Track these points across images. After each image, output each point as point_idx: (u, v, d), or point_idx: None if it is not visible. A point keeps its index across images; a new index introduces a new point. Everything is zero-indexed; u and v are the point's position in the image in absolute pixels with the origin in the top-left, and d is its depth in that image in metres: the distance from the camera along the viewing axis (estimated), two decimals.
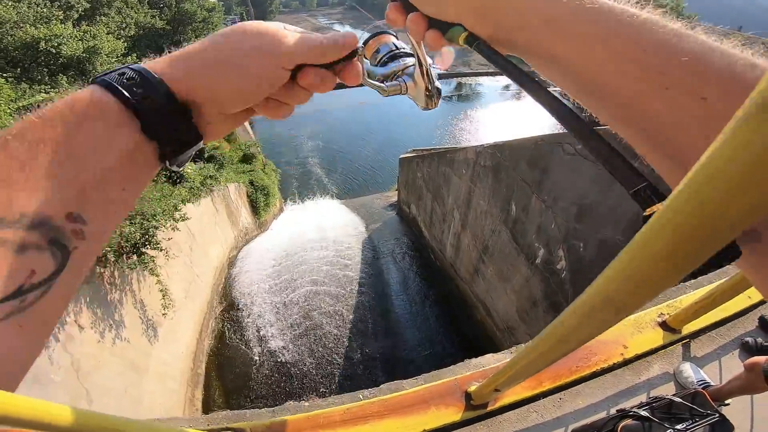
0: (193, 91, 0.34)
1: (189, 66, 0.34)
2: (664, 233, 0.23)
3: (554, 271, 4.12)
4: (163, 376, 5.01)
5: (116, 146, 0.30)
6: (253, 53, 0.35)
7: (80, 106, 0.29)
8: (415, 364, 6.60)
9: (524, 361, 0.88)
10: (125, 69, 0.32)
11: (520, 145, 4.65)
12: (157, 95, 0.32)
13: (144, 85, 0.31)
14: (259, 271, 8.71)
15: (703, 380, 1.47)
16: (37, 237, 0.25)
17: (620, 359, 1.54)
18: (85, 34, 14.05)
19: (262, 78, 0.36)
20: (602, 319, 0.44)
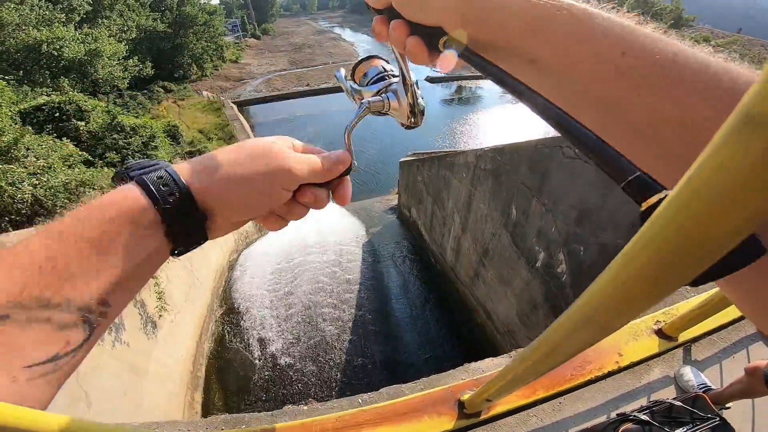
0: (211, 201, 0.39)
1: (211, 179, 0.39)
2: (643, 255, 0.23)
3: (554, 274, 4.12)
4: (163, 378, 5.00)
5: (146, 247, 0.36)
6: (262, 174, 0.41)
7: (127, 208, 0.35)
8: (415, 367, 6.57)
9: (514, 373, 0.87)
10: (162, 171, 0.37)
11: (521, 149, 4.66)
12: (184, 203, 0.37)
13: (176, 191, 0.37)
14: (259, 274, 8.71)
15: (704, 384, 1.47)
16: (75, 318, 0.32)
17: (615, 367, 1.54)
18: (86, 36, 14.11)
19: (269, 197, 0.42)
20: (586, 336, 0.44)
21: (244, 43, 38.15)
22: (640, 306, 0.29)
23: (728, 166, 0.16)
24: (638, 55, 0.26)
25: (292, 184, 0.43)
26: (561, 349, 0.55)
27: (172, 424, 1.46)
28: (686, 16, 18.34)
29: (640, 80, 0.26)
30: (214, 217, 0.40)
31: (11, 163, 5.59)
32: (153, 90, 22.02)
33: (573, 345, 0.51)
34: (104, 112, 9.83)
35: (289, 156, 0.42)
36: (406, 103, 0.49)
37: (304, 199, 0.45)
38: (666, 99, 0.25)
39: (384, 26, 0.42)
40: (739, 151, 0.15)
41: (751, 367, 1.23)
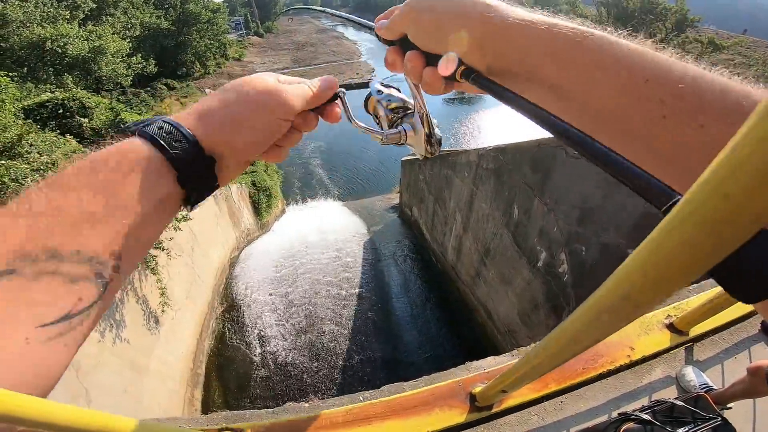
0: (217, 145, 0.39)
1: (212, 123, 0.39)
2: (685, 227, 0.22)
3: (556, 274, 4.11)
4: (163, 375, 5.02)
5: (155, 195, 0.35)
6: (262, 111, 0.41)
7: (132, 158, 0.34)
8: (416, 366, 6.58)
9: (534, 362, 0.87)
10: (163, 123, 0.37)
11: (523, 148, 4.64)
12: (192, 149, 0.36)
13: (181, 139, 0.36)
14: (260, 272, 8.72)
15: (706, 384, 1.46)
16: (87, 270, 0.30)
17: (627, 361, 1.53)
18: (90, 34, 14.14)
19: (271, 131, 0.43)
20: (619, 316, 0.43)
21: (247, 41, 38.16)
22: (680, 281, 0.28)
23: None
24: (661, 82, 0.27)
25: (291, 114, 0.44)
26: (587, 334, 0.54)
27: (172, 420, 1.47)
28: (691, 17, 18.20)
29: (664, 108, 0.26)
30: (223, 159, 0.40)
31: (14, 159, 5.60)
32: (156, 87, 22.06)
33: (601, 328, 0.50)
34: (107, 109, 9.84)
35: (284, 89, 0.43)
36: (423, 133, 0.49)
37: (297, 124, 0.46)
38: (690, 125, 0.25)
39: (398, 57, 0.43)
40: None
41: (754, 367, 1.23)
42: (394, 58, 0.44)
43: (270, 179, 11.91)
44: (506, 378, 1.11)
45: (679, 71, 0.26)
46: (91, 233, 0.30)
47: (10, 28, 11.72)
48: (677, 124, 0.26)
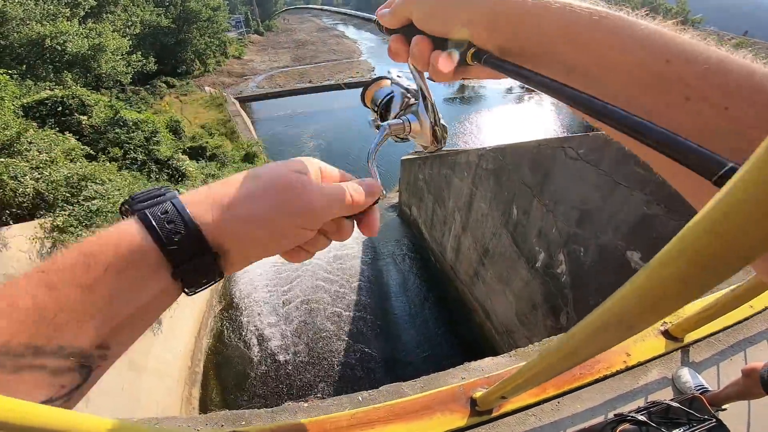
0: (225, 238, 0.35)
1: (224, 216, 0.35)
2: (679, 261, 0.24)
3: (554, 275, 4.12)
4: (161, 374, 5.02)
5: (150, 290, 0.33)
6: (285, 216, 0.37)
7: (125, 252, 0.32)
8: (414, 365, 6.59)
9: (533, 371, 0.89)
10: (167, 203, 0.34)
11: (523, 149, 4.65)
12: (193, 242, 0.33)
13: (182, 230, 0.33)
14: (258, 270, 8.72)
15: (701, 385, 1.47)
16: (71, 363, 0.30)
17: (623, 366, 1.55)
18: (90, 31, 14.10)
19: (290, 238, 0.38)
20: (613, 335, 0.45)
21: (247, 39, 38.09)
22: (673, 306, 0.30)
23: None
24: (684, 63, 0.26)
25: (317, 224, 0.39)
26: (584, 349, 0.56)
27: (171, 420, 1.47)
28: (693, 18, 18.25)
29: (686, 89, 0.25)
30: (228, 254, 0.36)
31: (14, 156, 5.59)
32: (156, 85, 22.02)
33: (597, 344, 0.52)
34: (107, 107, 9.83)
35: (314, 192, 0.38)
36: (429, 124, 0.46)
37: (327, 231, 0.42)
38: (715, 107, 0.24)
39: (402, 45, 0.40)
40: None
41: (748, 369, 1.23)
42: (398, 47, 0.40)
43: None
44: (507, 385, 1.13)
45: (703, 52, 0.26)
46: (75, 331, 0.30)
47: (10, 26, 11.68)
48: (701, 106, 0.25)
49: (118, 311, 0.31)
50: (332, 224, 0.42)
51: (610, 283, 3.31)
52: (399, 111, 0.49)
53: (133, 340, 0.36)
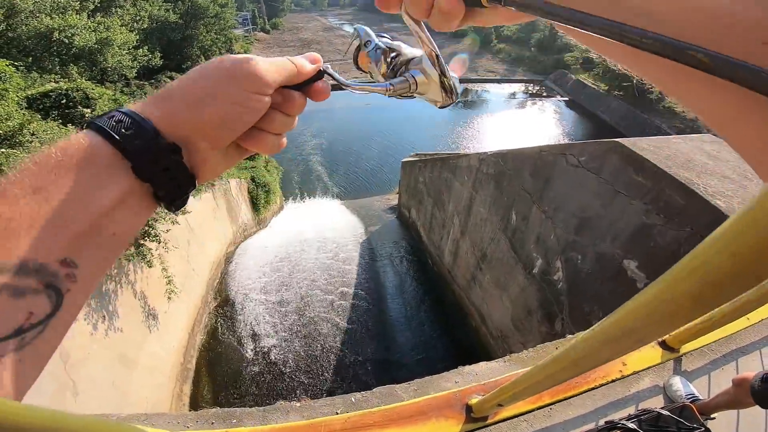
0: (179, 127, 0.34)
1: (172, 104, 0.35)
2: (692, 279, 0.24)
3: (551, 281, 4.11)
4: (152, 370, 4.99)
5: (108, 191, 0.31)
6: (230, 83, 0.36)
7: (73, 152, 0.30)
8: (408, 367, 6.57)
9: (532, 380, 0.89)
10: (114, 112, 0.33)
11: (524, 154, 4.65)
12: (146, 135, 0.32)
13: (133, 126, 0.32)
14: (255, 268, 8.71)
15: (692, 394, 1.47)
16: (34, 282, 0.27)
17: (618, 375, 1.55)
18: (99, 25, 14.12)
19: (242, 106, 0.37)
20: (621, 347, 0.45)
21: (253, 37, 38.18)
22: (683, 321, 0.30)
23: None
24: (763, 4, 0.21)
25: (263, 86, 0.38)
26: (588, 360, 0.56)
27: (160, 416, 1.46)
28: None
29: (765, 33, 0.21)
30: (192, 145, 0.36)
31: (15, 147, 5.58)
32: (160, 80, 22.00)
33: (603, 355, 0.52)
34: (111, 101, 9.81)
35: (254, 59, 0.38)
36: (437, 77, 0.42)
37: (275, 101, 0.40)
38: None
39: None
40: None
41: (739, 379, 1.24)
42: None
43: (269, 175, 11.90)
44: (504, 393, 1.13)
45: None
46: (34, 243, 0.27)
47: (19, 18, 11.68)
48: None
49: (76, 215, 0.29)
50: (278, 95, 0.40)
51: (607, 291, 3.31)
52: (399, 68, 0.44)
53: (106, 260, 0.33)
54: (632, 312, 0.37)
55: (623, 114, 20.38)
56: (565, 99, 25.22)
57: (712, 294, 0.24)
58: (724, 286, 0.23)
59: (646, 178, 2.89)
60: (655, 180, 2.81)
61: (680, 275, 0.26)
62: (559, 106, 24.73)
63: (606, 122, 21.13)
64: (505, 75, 30.18)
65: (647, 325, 0.34)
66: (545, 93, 27.07)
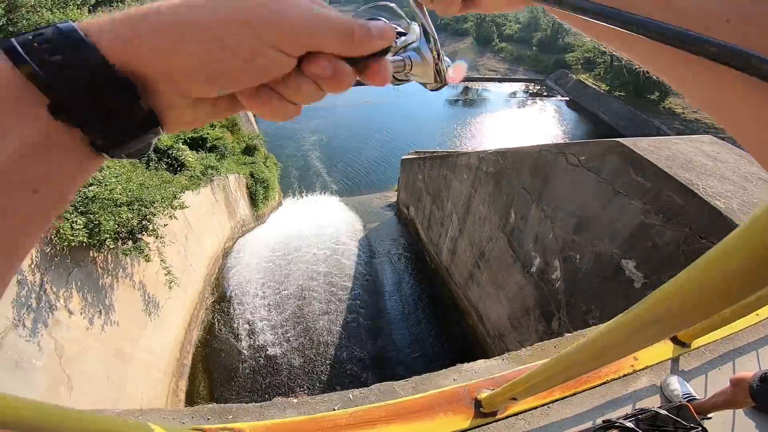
0: (140, 60, 0.24)
1: (140, 26, 0.24)
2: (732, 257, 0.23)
3: (549, 280, 4.12)
4: (148, 365, 4.98)
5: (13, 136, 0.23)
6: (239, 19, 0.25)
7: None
8: (405, 365, 6.59)
9: (550, 372, 0.87)
10: (46, 28, 0.23)
11: (523, 153, 4.64)
12: (82, 62, 0.23)
13: (64, 49, 0.23)
14: (253, 264, 8.69)
15: (689, 393, 1.48)
16: None
17: (630, 371, 1.55)
18: None
19: (249, 58, 0.25)
20: (648, 335, 0.44)
21: None
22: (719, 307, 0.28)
23: None
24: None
25: (293, 43, 0.26)
26: (614, 351, 0.54)
27: (156, 411, 1.45)
28: None
29: None
30: (156, 87, 0.25)
31: None
32: None
33: (629, 346, 0.50)
34: None
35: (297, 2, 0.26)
36: (432, 60, 0.43)
37: (316, 71, 0.28)
38: None
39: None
40: None
41: (737, 378, 1.24)
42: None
43: (268, 171, 11.87)
44: (517, 386, 1.12)
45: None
46: None
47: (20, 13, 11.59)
48: None
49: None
50: (327, 63, 0.28)
51: (605, 290, 3.31)
52: (398, 49, 0.45)
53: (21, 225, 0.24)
54: (663, 299, 0.35)
55: (623, 114, 20.42)
56: (565, 99, 25.24)
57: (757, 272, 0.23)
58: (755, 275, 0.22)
59: (645, 178, 2.89)
60: (654, 180, 2.81)
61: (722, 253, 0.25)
62: (559, 106, 24.75)
63: (606, 122, 21.18)
64: (506, 74, 30.17)
65: (679, 311, 0.33)
66: (546, 92, 27.07)
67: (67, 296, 3.70)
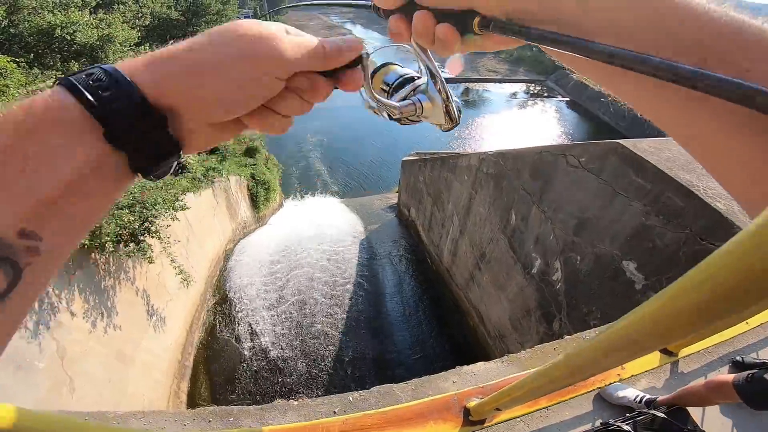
0: (170, 95, 0.31)
1: (167, 68, 0.31)
2: (702, 290, 0.24)
3: (549, 281, 4.12)
4: (150, 366, 4.99)
5: (76, 157, 0.28)
6: (244, 58, 0.32)
7: (38, 111, 0.27)
8: (406, 366, 6.58)
9: (533, 385, 0.89)
10: (95, 69, 0.30)
11: (524, 155, 4.65)
12: (126, 98, 0.29)
13: (111, 86, 0.29)
14: (254, 265, 8.70)
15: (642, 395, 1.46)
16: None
17: (617, 380, 1.55)
18: (101, 22, 14.13)
19: (251, 87, 0.33)
20: (623, 355, 0.46)
21: None
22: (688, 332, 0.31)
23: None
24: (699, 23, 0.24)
25: (283, 70, 0.34)
26: (591, 366, 0.56)
27: (157, 413, 1.46)
28: None
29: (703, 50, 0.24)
30: (181, 117, 0.32)
31: None
32: None
33: (606, 362, 0.53)
34: None
35: (282, 37, 0.34)
36: (441, 101, 0.44)
37: (297, 86, 0.36)
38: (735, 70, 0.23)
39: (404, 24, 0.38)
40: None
41: (718, 383, 1.22)
42: (399, 26, 0.38)
43: (269, 173, 11.89)
44: (502, 397, 1.13)
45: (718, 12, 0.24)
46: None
47: (22, 14, 11.65)
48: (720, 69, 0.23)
49: (38, 184, 0.26)
50: (304, 79, 0.36)
51: (605, 292, 3.31)
52: (407, 93, 0.47)
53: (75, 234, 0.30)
54: (636, 322, 0.37)
55: (624, 115, 20.39)
56: (566, 99, 25.21)
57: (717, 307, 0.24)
58: (732, 299, 0.23)
59: (646, 179, 2.89)
60: (655, 181, 2.81)
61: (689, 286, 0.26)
62: (560, 107, 24.72)
63: (607, 123, 21.15)
64: (506, 75, 30.16)
65: (651, 335, 0.34)
66: (546, 93, 27.06)
67: (69, 298, 3.72)
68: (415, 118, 0.47)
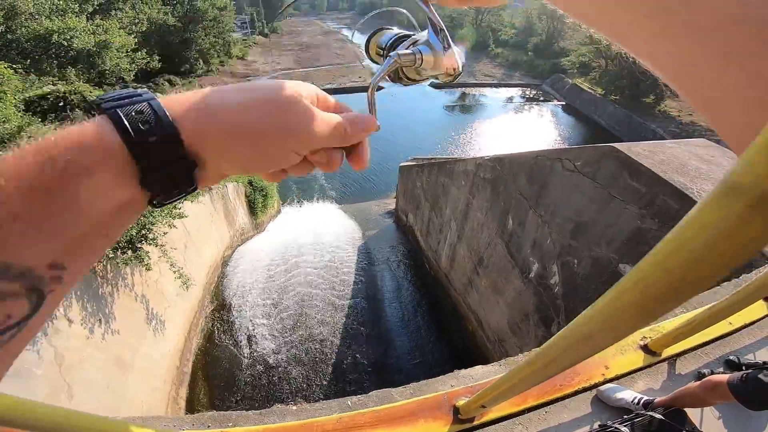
0: (205, 149, 0.32)
1: (211, 122, 0.31)
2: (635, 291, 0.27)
3: (547, 285, 4.13)
4: (148, 373, 4.96)
5: (112, 199, 0.29)
6: (278, 134, 0.34)
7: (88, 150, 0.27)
8: (404, 372, 6.56)
9: (511, 382, 0.91)
10: (144, 105, 0.29)
11: (520, 159, 4.69)
12: (168, 146, 0.29)
13: (157, 130, 0.29)
14: (252, 272, 8.68)
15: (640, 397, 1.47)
16: (17, 287, 0.25)
17: (601, 379, 1.57)
18: (97, 28, 14.16)
19: (277, 159, 0.35)
20: (580, 351, 0.49)
21: (251, 40, 38.30)
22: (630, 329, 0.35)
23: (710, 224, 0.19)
24: None
25: (310, 149, 0.37)
26: (559, 362, 0.59)
27: (156, 419, 1.46)
28: None
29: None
30: (205, 166, 0.33)
31: None
32: (158, 83, 22.07)
33: (569, 358, 0.55)
34: None
35: (315, 115, 0.35)
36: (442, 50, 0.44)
37: (316, 160, 0.39)
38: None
39: None
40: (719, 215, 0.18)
41: (713, 383, 1.24)
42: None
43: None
44: (486, 395, 1.15)
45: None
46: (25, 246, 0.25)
47: (19, 20, 11.68)
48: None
49: (76, 223, 0.27)
50: (322, 153, 0.39)
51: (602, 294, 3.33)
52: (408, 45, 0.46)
53: (92, 262, 0.31)
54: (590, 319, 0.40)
55: (619, 118, 20.56)
56: (561, 103, 25.42)
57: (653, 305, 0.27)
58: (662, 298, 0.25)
59: (640, 183, 2.93)
60: (649, 185, 2.84)
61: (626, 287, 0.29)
62: (555, 111, 24.92)
63: (602, 126, 21.32)
64: (502, 79, 30.41)
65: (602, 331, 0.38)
66: (542, 97, 27.28)
67: (67, 305, 3.71)
68: (414, 74, 0.46)
